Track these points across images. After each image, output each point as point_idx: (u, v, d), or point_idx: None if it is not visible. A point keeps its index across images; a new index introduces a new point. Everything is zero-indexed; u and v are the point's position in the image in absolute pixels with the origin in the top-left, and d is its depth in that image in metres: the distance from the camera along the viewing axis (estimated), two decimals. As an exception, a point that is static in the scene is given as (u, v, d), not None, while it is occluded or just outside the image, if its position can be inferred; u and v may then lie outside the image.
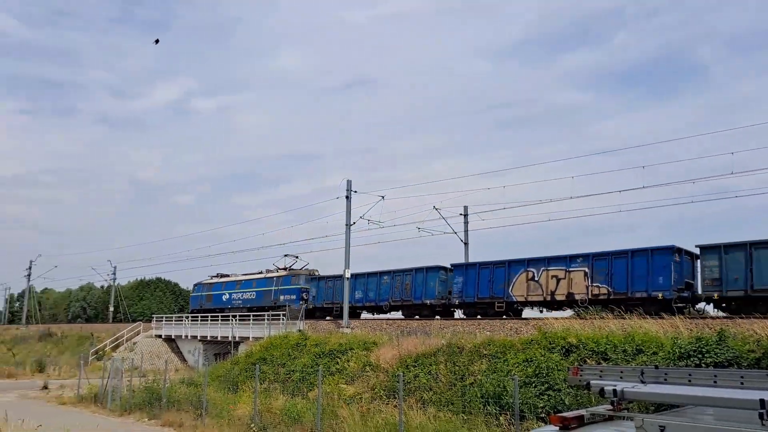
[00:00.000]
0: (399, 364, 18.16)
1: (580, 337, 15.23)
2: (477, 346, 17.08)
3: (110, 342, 42.79)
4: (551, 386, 13.74)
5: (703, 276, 20.35)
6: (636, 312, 18.03)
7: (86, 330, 51.05)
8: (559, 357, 14.74)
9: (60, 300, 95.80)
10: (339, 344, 21.74)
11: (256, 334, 32.24)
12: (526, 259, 24.79)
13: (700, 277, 20.56)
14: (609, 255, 22.36)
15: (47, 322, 62.27)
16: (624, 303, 20.65)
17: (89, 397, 24.08)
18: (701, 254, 20.56)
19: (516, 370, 14.83)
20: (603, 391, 7.04)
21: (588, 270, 22.82)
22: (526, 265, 24.74)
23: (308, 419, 15.48)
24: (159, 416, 19.75)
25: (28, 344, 51.52)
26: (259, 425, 16.31)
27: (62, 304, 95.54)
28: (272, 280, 38.06)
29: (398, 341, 19.79)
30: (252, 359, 23.64)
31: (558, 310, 24.25)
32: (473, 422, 13.45)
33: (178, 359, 40.03)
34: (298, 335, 25.29)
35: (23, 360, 40.59)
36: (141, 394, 21.93)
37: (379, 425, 14.12)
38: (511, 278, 25.12)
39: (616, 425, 6.88)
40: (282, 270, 38.68)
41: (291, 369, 21.53)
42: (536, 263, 24.46)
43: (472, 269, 26.52)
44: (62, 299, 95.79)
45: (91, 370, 31.02)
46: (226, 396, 20.58)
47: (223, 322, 36.57)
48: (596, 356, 14.30)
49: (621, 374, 7.96)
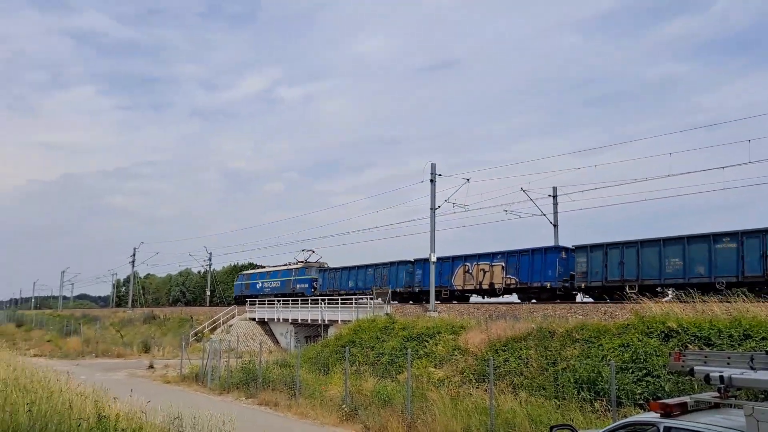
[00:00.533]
0: (488, 348, 17.99)
1: (681, 322, 14.52)
2: (569, 331, 16.64)
3: (208, 324, 44.82)
4: (649, 372, 13.21)
5: (576, 270, 25.38)
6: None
7: (186, 313, 53.74)
8: (657, 342, 14.13)
9: (161, 285, 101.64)
10: (426, 328, 21.78)
11: (345, 318, 32.83)
12: (464, 256, 30.73)
13: (575, 271, 25.47)
14: (518, 253, 27.98)
15: (150, 305, 66.06)
16: (526, 291, 27.18)
17: (191, 376, 25.35)
18: (576, 252, 25.56)
19: (611, 355, 14.34)
20: (708, 377, 6.67)
21: (504, 264, 28.49)
22: (463, 261, 30.67)
23: (398, 401, 15.61)
24: (255, 395, 20.54)
25: (134, 326, 54.86)
26: (351, 406, 16.62)
27: (163, 289, 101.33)
28: (291, 271, 45.59)
29: (486, 325, 19.60)
30: (341, 342, 24.11)
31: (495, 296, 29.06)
32: (566, 408, 13.14)
33: (271, 341, 41.43)
34: (385, 319, 25.54)
35: (130, 341, 43.22)
36: (238, 374, 22.86)
37: (469, 409, 14.05)
38: (454, 270, 31.11)
39: (723, 413, 6.51)
40: (300, 263, 45.59)
41: (380, 352, 21.79)
42: (471, 259, 30.33)
43: (427, 264, 30.14)
44: (163, 284, 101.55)
45: (192, 350, 32.61)
46: (317, 377, 21.11)
47: (313, 306, 37.52)
48: (698, 342, 13.60)
49: (728, 360, 7.53)
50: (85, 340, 42.60)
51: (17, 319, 71.09)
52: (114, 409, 10.65)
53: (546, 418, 12.39)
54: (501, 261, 28.68)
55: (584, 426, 11.27)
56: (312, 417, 17.18)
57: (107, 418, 9.13)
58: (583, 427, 10.92)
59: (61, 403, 9.61)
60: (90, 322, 58.10)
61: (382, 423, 15.03)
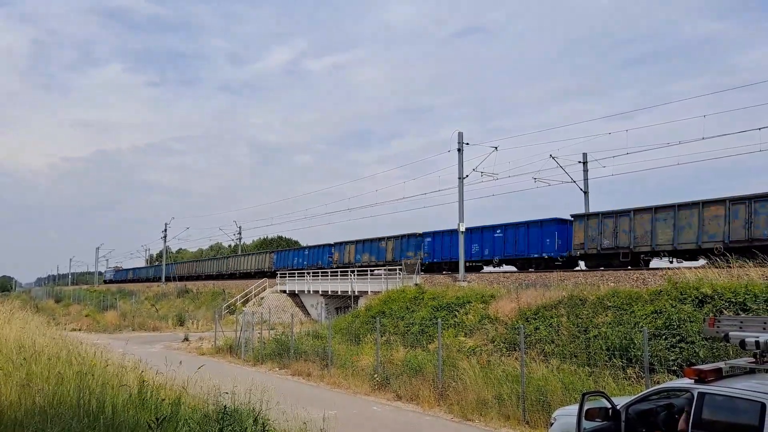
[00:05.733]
0: (518, 317, 18.00)
1: (716, 287, 14.32)
2: (600, 298, 16.55)
3: (240, 297, 45.56)
4: (683, 338, 13.10)
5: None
6: None
7: (218, 287, 54.66)
8: (691, 308, 13.98)
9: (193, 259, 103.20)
10: (456, 297, 21.85)
11: (374, 289, 33.08)
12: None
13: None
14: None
15: (183, 279, 67.26)
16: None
17: (225, 348, 25.87)
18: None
19: (644, 321, 14.25)
20: (744, 342, 6.60)
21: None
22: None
23: (429, 370, 15.76)
24: (288, 366, 20.92)
25: (168, 300, 56.05)
26: (382, 375, 16.84)
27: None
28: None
29: (517, 294, 19.58)
30: (372, 312, 24.32)
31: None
32: (598, 375, 13.13)
33: (302, 313, 41.98)
34: (415, 289, 25.66)
35: (165, 315, 44.17)
36: (271, 345, 23.27)
37: (500, 377, 14.13)
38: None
39: (759, 379, 6.45)
40: None
41: (410, 322, 21.95)
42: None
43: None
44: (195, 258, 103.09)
45: (225, 323, 33.24)
46: (348, 348, 21.38)
47: (343, 277, 37.85)
48: (734, 307, 13.42)
49: (764, 325, 7.42)
50: (121, 314, 43.67)
51: (56, 295, 73.17)
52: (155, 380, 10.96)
53: (579, 385, 12.41)
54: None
55: (617, 393, 11.26)
56: (344, 386, 17.46)
57: (148, 389, 9.40)
58: (616, 393, 10.91)
59: (104, 375, 9.92)
60: (126, 297, 59.50)
61: (414, 391, 15.23)
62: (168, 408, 8.60)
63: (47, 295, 78.83)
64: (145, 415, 7.82)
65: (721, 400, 6.20)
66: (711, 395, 6.24)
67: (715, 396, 6.21)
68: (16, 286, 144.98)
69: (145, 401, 8.80)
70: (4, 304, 20.33)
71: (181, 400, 9.33)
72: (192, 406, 9.59)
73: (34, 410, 7.59)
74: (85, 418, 7.47)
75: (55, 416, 7.34)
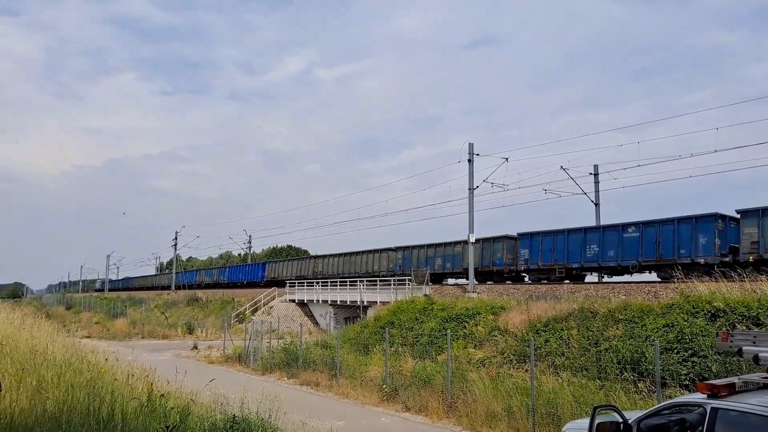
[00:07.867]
0: (528, 329, 17.90)
1: (728, 301, 14.19)
2: (612, 311, 16.44)
3: (249, 306, 45.61)
4: (695, 352, 12.98)
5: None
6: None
7: (227, 295, 54.77)
8: (704, 322, 13.86)
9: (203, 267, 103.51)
10: (466, 309, 21.76)
11: (384, 299, 33.02)
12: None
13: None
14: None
15: (193, 288, 67.45)
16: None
17: (234, 356, 25.89)
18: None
19: (656, 335, 14.12)
20: (758, 357, 6.52)
21: None
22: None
23: (438, 382, 15.68)
24: (297, 375, 20.89)
25: (177, 308, 56.20)
26: (391, 386, 16.77)
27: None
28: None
29: (527, 306, 19.48)
30: (380, 323, 24.26)
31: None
32: (609, 388, 13.02)
33: (311, 322, 41.95)
34: (424, 300, 25.59)
35: (174, 323, 44.28)
36: (279, 354, 23.25)
37: (509, 389, 14.04)
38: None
39: (774, 395, 6.35)
40: None
41: (419, 332, 21.87)
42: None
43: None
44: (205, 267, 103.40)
45: (234, 332, 33.27)
46: (357, 358, 21.32)
47: (352, 287, 37.81)
48: (747, 321, 13.29)
49: (779, 340, 7.32)
50: (131, 322, 43.86)
51: (66, 302, 73.60)
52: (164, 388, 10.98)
53: (589, 398, 12.31)
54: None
55: (628, 407, 11.15)
56: (353, 397, 17.40)
57: (157, 397, 9.41)
58: (627, 408, 10.81)
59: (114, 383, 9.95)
60: (136, 305, 59.73)
61: (423, 403, 15.15)
62: (177, 416, 8.62)
63: (58, 301, 79.36)
64: (155, 423, 7.83)
65: (735, 416, 6.12)
66: (724, 410, 6.16)
67: (729, 411, 6.14)
68: (28, 292, 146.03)
69: (155, 409, 8.82)
70: (16, 311, 20.46)
71: (190, 408, 9.34)
72: (201, 415, 9.59)
73: (44, 416, 7.62)
74: (96, 425, 7.49)
75: (66, 423, 7.36)
